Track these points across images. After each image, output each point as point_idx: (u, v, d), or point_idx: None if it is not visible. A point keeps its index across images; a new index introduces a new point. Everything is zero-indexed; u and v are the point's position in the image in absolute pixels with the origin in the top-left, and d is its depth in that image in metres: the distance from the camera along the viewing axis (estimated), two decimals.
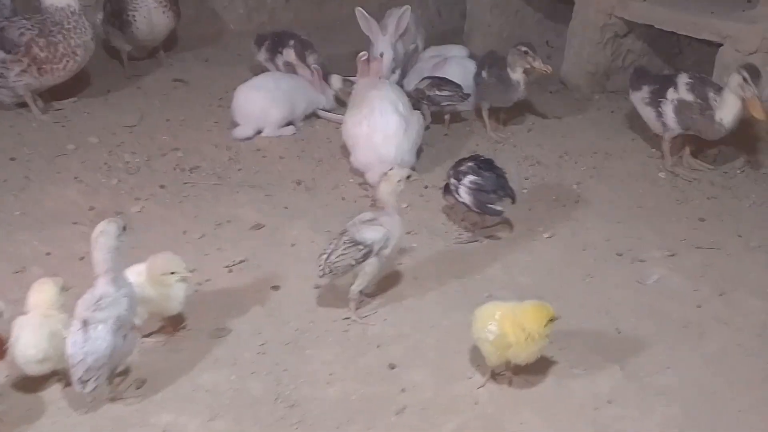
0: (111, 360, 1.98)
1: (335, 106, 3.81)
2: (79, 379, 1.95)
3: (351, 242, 2.41)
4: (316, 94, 3.77)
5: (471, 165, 2.87)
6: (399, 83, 3.81)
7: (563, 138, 3.68)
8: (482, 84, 3.64)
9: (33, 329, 2.13)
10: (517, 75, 3.50)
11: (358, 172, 3.27)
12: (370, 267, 2.43)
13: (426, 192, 3.22)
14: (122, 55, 4.22)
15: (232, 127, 3.61)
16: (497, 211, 2.84)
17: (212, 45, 4.55)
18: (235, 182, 3.25)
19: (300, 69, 3.85)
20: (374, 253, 2.42)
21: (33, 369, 2.14)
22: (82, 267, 2.58)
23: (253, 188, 3.21)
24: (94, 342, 1.94)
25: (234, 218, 2.99)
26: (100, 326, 1.96)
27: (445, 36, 4.67)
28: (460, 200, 2.87)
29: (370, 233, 2.42)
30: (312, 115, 3.78)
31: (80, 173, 3.23)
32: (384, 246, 2.44)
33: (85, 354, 1.94)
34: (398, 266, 2.72)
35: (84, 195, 3.08)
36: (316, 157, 3.47)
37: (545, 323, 2.18)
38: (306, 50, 3.86)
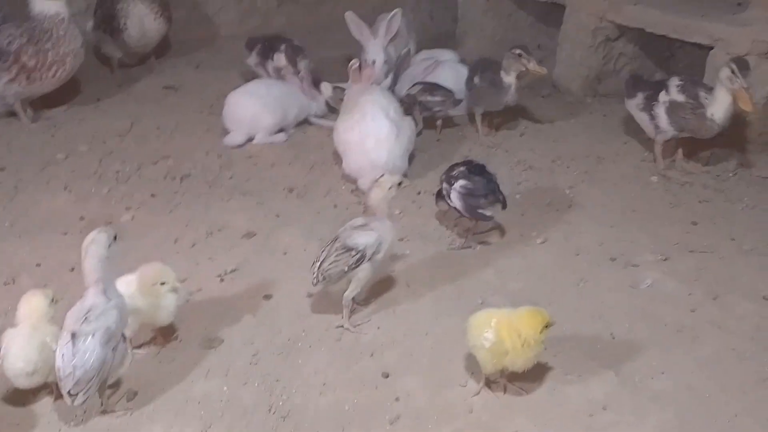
0: (100, 373, 1.96)
1: (327, 112, 3.80)
2: (69, 393, 1.94)
3: (343, 248, 2.40)
4: (308, 101, 3.75)
5: (462, 170, 2.86)
6: (391, 88, 3.81)
7: (555, 142, 3.68)
8: (474, 89, 3.64)
9: (22, 342, 2.12)
10: (510, 78, 3.49)
11: (351, 179, 3.26)
12: (363, 273, 2.42)
13: (418, 198, 3.21)
14: (113, 62, 4.20)
15: (224, 134, 3.59)
16: (487, 217, 2.83)
17: (204, 50, 4.54)
18: (227, 190, 3.23)
19: (289, 75, 3.83)
20: (367, 259, 2.41)
21: (23, 382, 2.12)
22: (73, 277, 2.56)
23: (245, 195, 3.19)
24: (83, 355, 1.93)
25: (225, 226, 2.97)
26: (89, 339, 1.94)
27: (438, 39, 4.66)
28: (452, 205, 2.87)
29: (362, 238, 2.41)
30: (304, 122, 3.77)
31: (70, 182, 3.21)
32: (376, 251, 2.43)
33: (74, 367, 1.92)
34: (391, 273, 2.71)
35: (74, 204, 3.06)
36: (308, 164, 3.46)
37: (541, 329, 2.17)
38: (297, 55, 3.84)
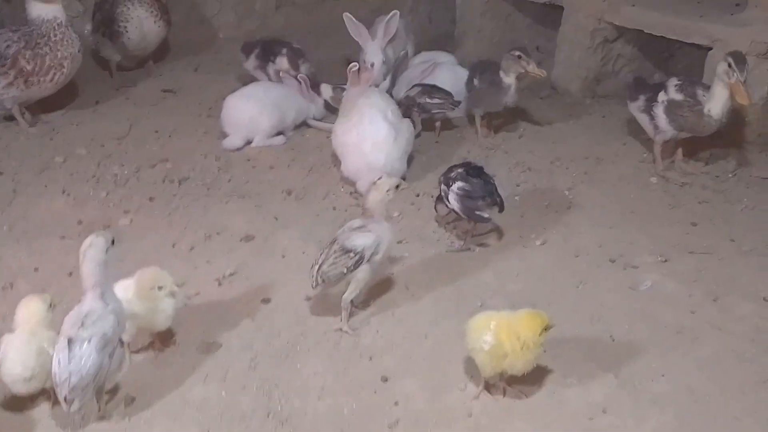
0: (96, 379, 1.95)
1: (325, 115, 3.80)
2: (65, 399, 1.93)
3: (342, 250, 2.39)
4: (306, 103, 3.75)
5: (460, 171, 2.86)
6: (389, 90, 3.80)
7: (554, 143, 3.67)
8: (474, 90, 3.63)
9: (20, 347, 2.11)
10: (510, 79, 3.48)
11: (349, 181, 3.25)
12: (362, 274, 2.42)
13: (417, 200, 3.20)
14: (111, 66, 4.20)
15: (222, 137, 3.59)
16: (484, 218, 2.82)
17: (202, 53, 4.53)
18: (225, 193, 3.23)
19: (287, 78, 3.83)
20: (366, 260, 2.40)
21: (20, 388, 2.12)
22: (71, 282, 2.56)
23: (243, 198, 3.18)
24: (79, 361, 1.92)
25: (224, 229, 2.96)
26: (85, 344, 1.93)
27: (436, 41, 4.66)
28: (450, 207, 2.86)
29: (361, 240, 2.41)
30: (302, 124, 3.76)
31: (68, 186, 3.20)
32: (375, 252, 2.42)
33: (70, 373, 1.91)
34: (389, 275, 2.70)
35: (72, 208, 3.05)
36: (307, 166, 3.45)
37: (540, 332, 2.17)
38: (299, 59, 3.85)
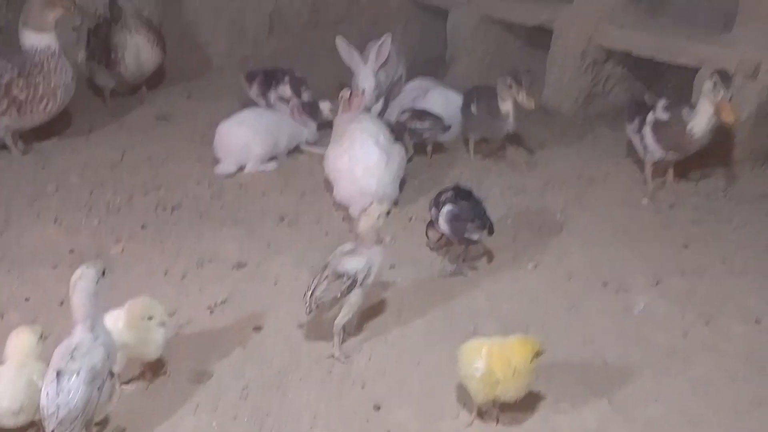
0: (85, 412, 1.93)
1: (318, 139, 3.81)
2: None
3: (334, 275, 2.40)
4: (299, 128, 3.77)
5: (449, 195, 2.87)
6: (381, 114, 3.83)
7: (546, 165, 3.69)
8: (471, 117, 3.63)
9: (9, 380, 2.10)
10: (507, 106, 3.48)
11: (342, 206, 3.26)
12: (355, 298, 2.42)
13: (410, 224, 3.20)
14: (105, 92, 4.21)
15: (215, 163, 3.60)
16: (474, 241, 2.83)
17: (195, 79, 4.54)
18: (218, 219, 3.23)
19: (280, 104, 3.86)
20: (359, 284, 2.41)
21: (8, 421, 2.10)
22: (62, 311, 2.54)
23: (236, 225, 3.18)
24: (67, 394, 1.90)
25: (216, 256, 2.96)
26: (74, 377, 1.91)
27: (428, 64, 4.69)
28: (441, 230, 2.87)
29: (352, 264, 2.41)
30: (295, 149, 3.78)
31: (60, 214, 3.20)
32: (367, 275, 2.43)
33: (58, 406, 1.90)
34: (382, 299, 2.70)
35: (64, 237, 3.05)
36: (299, 191, 3.46)
37: (532, 358, 2.16)
38: (300, 86, 3.90)
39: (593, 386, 2.34)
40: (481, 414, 2.22)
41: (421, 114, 3.62)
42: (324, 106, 3.80)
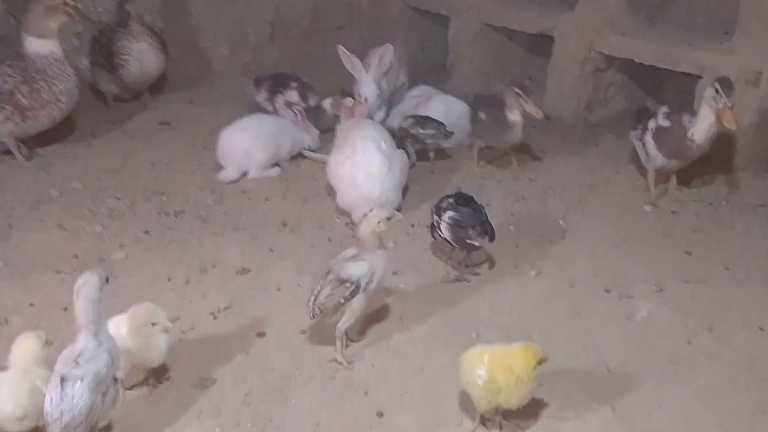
0: (89, 418, 1.93)
1: (320, 145, 3.82)
2: None
3: (337, 281, 2.41)
4: (301, 134, 3.78)
5: (450, 201, 2.88)
6: (383, 120, 3.84)
7: (547, 172, 3.70)
8: (479, 124, 3.63)
9: (13, 386, 2.10)
10: (515, 116, 3.49)
11: (344, 212, 3.27)
12: (358, 303, 2.43)
13: (412, 230, 3.21)
14: (108, 98, 4.23)
15: (217, 169, 3.60)
16: (475, 247, 2.83)
17: (196, 85, 4.56)
18: (220, 225, 3.23)
19: (284, 110, 3.87)
20: (362, 290, 2.41)
21: (12, 427, 2.10)
22: (66, 317, 2.54)
23: (238, 231, 3.19)
24: (71, 400, 1.91)
25: (219, 262, 2.96)
26: (78, 383, 1.92)
27: (429, 71, 4.71)
28: (442, 236, 2.87)
29: (355, 269, 2.42)
30: (298, 155, 3.79)
31: (63, 220, 3.20)
32: (370, 281, 2.43)
33: (62, 412, 1.90)
34: (384, 305, 2.70)
35: (67, 242, 3.05)
36: (302, 197, 3.46)
37: (534, 365, 2.16)
38: (308, 91, 3.93)
39: (596, 394, 2.34)
40: (484, 421, 2.21)
41: (424, 120, 3.63)
42: (326, 103, 3.83)
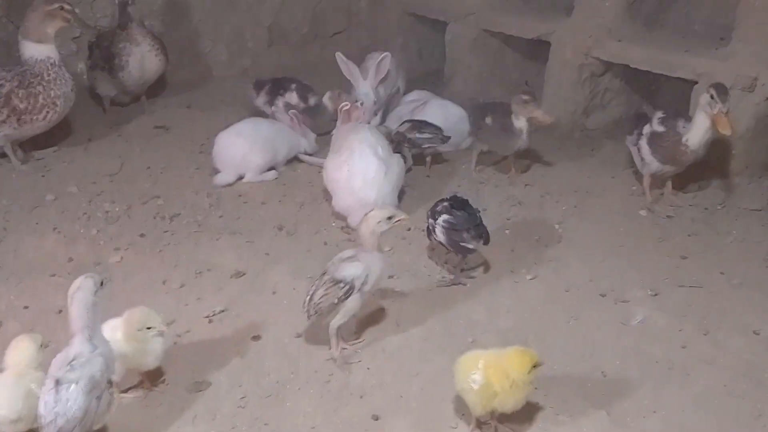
0: (83, 422, 1.92)
1: (317, 149, 3.83)
2: None
3: (332, 281, 2.42)
4: (298, 138, 3.78)
5: (445, 205, 2.89)
6: (379, 125, 3.84)
7: (544, 177, 3.70)
8: (485, 129, 3.62)
9: (7, 389, 2.09)
10: (521, 123, 3.49)
11: (340, 216, 3.27)
12: (352, 303, 2.44)
13: (408, 234, 3.21)
14: (105, 102, 4.23)
15: (214, 174, 3.60)
16: (469, 250, 2.84)
17: (194, 90, 4.57)
18: (216, 229, 3.23)
19: (280, 113, 3.88)
20: (356, 290, 2.42)
21: (7, 429, 2.09)
22: (60, 320, 2.53)
23: (234, 235, 3.19)
24: (65, 403, 1.90)
25: (214, 266, 2.96)
26: (72, 387, 1.91)
27: (427, 77, 4.73)
28: (437, 240, 2.87)
29: (350, 270, 2.43)
30: (294, 159, 3.79)
31: (59, 224, 3.20)
32: (365, 282, 2.44)
33: (56, 415, 1.89)
34: (380, 310, 2.70)
35: (63, 246, 3.05)
36: (298, 201, 3.46)
37: (529, 369, 2.16)
38: (307, 93, 3.95)
39: (592, 398, 2.34)
40: (480, 425, 2.21)
41: (421, 125, 3.64)
42: (325, 98, 3.85)
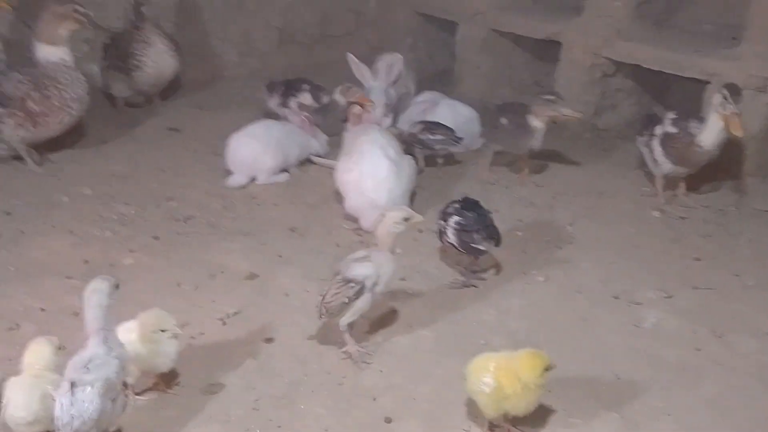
0: (98, 423, 1.94)
1: (329, 151, 3.84)
2: None
3: (343, 281, 2.45)
4: (309, 140, 3.80)
5: (456, 206, 2.90)
6: (390, 127, 3.85)
7: (555, 178, 3.70)
8: (500, 129, 3.62)
9: (24, 391, 2.11)
10: (538, 123, 3.49)
11: (352, 218, 3.28)
12: (363, 303, 2.47)
13: (420, 236, 3.21)
14: (119, 102, 4.26)
15: (226, 175, 3.62)
16: (480, 251, 2.84)
17: (204, 91, 4.59)
18: (229, 231, 3.25)
19: (293, 115, 3.90)
20: (367, 290, 2.44)
21: (23, 430, 2.11)
22: (76, 322, 2.55)
23: (247, 236, 3.20)
24: (81, 405, 1.92)
25: (227, 268, 2.98)
26: (88, 389, 1.93)
27: (436, 77, 4.73)
28: (449, 242, 2.88)
29: (361, 270, 2.46)
30: (306, 161, 3.81)
31: (74, 226, 3.22)
32: (376, 282, 2.46)
33: (72, 416, 1.91)
34: (392, 312, 2.71)
35: (77, 248, 3.07)
36: (310, 203, 3.48)
37: (541, 372, 2.16)
38: (320, 92, 3.98)
39: (604, 400, 2.34)
40: (492, 428, 2.21)
41: (433, 126, 3.64)
42: (336, 93, 3.80)
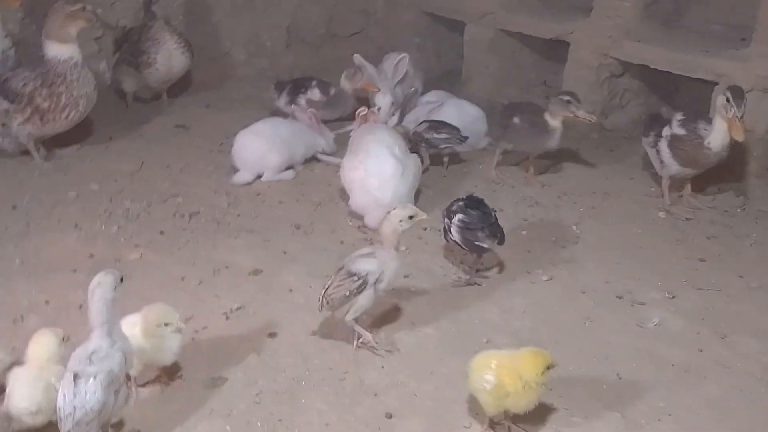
0: (101, 415, 1.96)
1: (335, 149, 3.85)
2: None
3: (346, 274, 2.47)
4: (315, 138, 3.81)
5: (460, 204, 2.90)
6: (396, 126, 3.86)
7: (561, 178, 3.69)
8: (512, 129, 3.61)
9: (28, 381, 2.14)
10: (556, 122, 3.49)
11: (357, 215, 3.28)
12: (365, 299, 2.47)
13: (425, 234, 3.22)
14: (128, 97, 4.29)
15: (232, 173, 3.64)
16: (484, 249, 2.84)
17: (213, 90, 4.61)
18: (234, 227, 3.26)
19: (299, 112, 3.91)
20: (369, 285, 2.46)
21: (27, 421, 2.14)
22: (81, 316, 2.57)
23: (252, 233, 3.22)
24: (84, 396, 1.93)
25: (232, 264, 2.99)
26: (91, 380, 1.94)
27: (444, 77, 4.73)
28: (453, 239, 2.88)
29: (364, 264, 2.48)
30: (312, 159, 3.82)
31: (80, 221, 3.24)
32: (379, 279, 2.47)
33: (74, 407, 1.93)
34: (395, 309, 2.71)
35: (83, 242, 3.09)
36: (315, 201, 3.49)
37: (542, 371, 2.16)
38: (328, 88, 4.03)
39: (606, 400, 2.33)
40: (493, 425, 2.22)
41: (439, 125, 3.65)
42: (342, 80, 3.90)
